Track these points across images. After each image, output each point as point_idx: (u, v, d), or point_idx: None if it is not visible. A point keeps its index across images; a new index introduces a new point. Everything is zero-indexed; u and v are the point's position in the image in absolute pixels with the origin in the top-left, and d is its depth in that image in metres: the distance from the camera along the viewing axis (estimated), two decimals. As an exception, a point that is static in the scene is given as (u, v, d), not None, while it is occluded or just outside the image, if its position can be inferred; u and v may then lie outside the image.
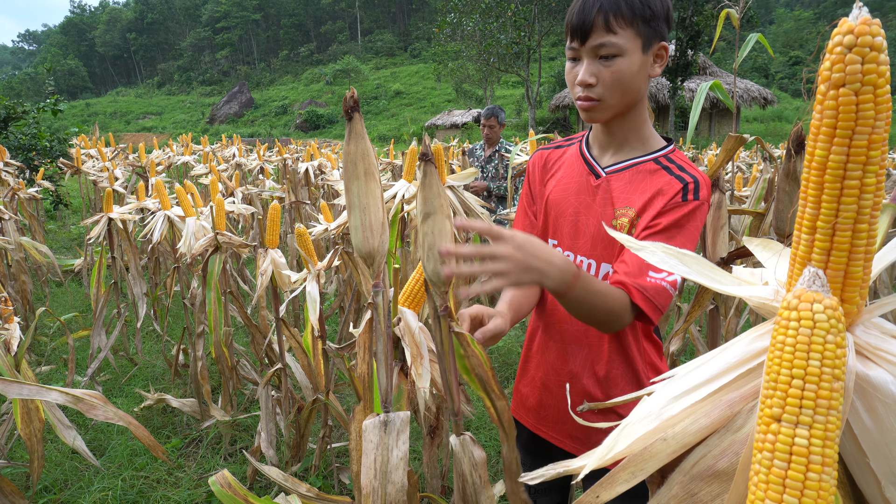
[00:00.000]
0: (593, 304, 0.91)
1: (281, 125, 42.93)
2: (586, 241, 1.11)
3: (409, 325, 1.04)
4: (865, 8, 0.41)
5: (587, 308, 0.91)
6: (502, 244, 0.80)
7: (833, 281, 0.45)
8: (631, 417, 0.51)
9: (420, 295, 1.15)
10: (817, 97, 0.43)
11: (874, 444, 0.43)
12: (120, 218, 2.96)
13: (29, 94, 51.04)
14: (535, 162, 1.25)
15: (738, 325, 2.16)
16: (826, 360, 0.40)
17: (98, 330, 2.98)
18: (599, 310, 0.92)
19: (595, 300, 0.91)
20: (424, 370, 0.97)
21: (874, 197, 0.43)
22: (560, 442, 1.21)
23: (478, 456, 0.88)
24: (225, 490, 1.07)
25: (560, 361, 1.18)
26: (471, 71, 25.82)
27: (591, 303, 0.90)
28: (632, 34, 0.98)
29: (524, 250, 0.81)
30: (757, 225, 1.92)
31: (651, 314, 0.96)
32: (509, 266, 0.80)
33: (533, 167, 1.25)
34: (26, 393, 1.05)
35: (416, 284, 1.14)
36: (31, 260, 4.23)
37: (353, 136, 0.75)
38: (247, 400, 3.00)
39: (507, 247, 0.80)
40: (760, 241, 0.65)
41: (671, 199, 1.01)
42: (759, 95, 21.50)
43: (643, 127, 1.10)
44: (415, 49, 64.12)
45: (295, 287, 1.98)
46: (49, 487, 2.26)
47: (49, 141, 7.02)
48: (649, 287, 0.96)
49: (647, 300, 0.95)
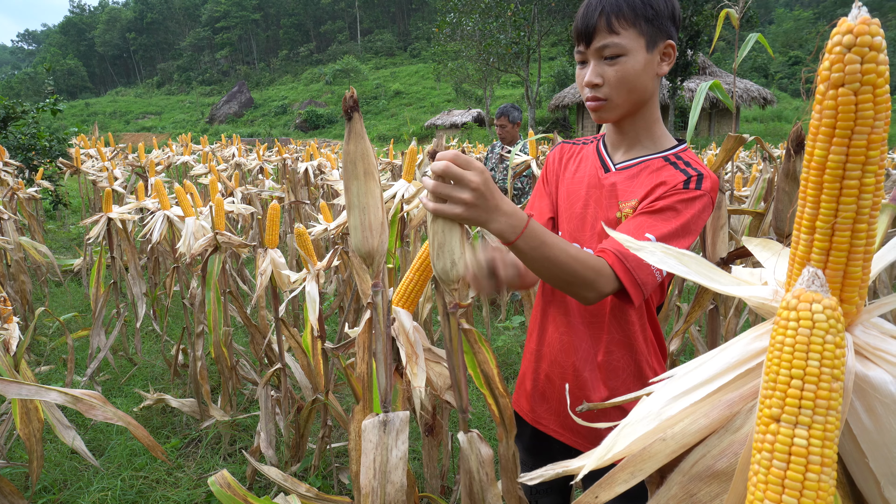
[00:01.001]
0: (550, 258, 0.87)
1: (280, 125, 42.92)
2: (594, 235, 1.12)
3: (404, 325, 1.04)
4: (864, 8, 0.41)
5: (545, 262, 0.87)
6: (474, 173, 0.78)
7: (832, 281, 0.45)
8: (630, 417, 0.51)
9: (415, 294, 1.14)
10: (816, 97, 0.43)
11: (873, 445, 0.43)
12: (119, 218, 2.96)
13: (28, 94, 51.02)
14: (554, 154, 1.29)
15: (737, 325, 2.16)
16: (825, 360, 0.40)
17: (97, 330, 2.98)
18: (560, 267, 0.88)
19: (552, 254, 0.87)
20: (420, 370, 0.97)
21: (873, 197, 0.43)
22: (560, 435, 1.21)
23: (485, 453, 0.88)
24: (224, 490, 1.06)
25: (562, 354, 1.18)
26: (470, 71, 25.82)
27: (547, 256, 0.87)
28: (635, 34, 1.00)
29: (488, 185, 0.80)
30: (756, 225, 1.92)
31: (629, 286, 0.92)
32: (472, 197, 0.78)
33: (552, 158, 1.29)
34: (25, 393, 1.05)
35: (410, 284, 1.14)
36: (30, 260, 4.23)
37: (352, 135, 0.75)
38: (246, 400, 3.00)
39: (478, 177, 0.78)
40: (760, 241, 0.65)
41: (672, 186, 1.01)
42: (758, 95, 21.51)
43: (654, 126, 1.12)
44: (414, 49, 64.10)
45: (294, 287, 1.98)
46: (48, 487, 2.26)
47: (48, 141, 7.01)
48: (630, 257, 0.92)
49: (626, 270, 0.92)
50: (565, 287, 0.93)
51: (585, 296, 0.93)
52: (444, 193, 0.78)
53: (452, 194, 0.77)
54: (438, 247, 0.80)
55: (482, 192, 0.78)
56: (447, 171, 0.78)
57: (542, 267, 0.88)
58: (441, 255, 0.79)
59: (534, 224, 0.86)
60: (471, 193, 0.77)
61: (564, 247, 0.89)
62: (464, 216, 0.78)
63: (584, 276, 0.90)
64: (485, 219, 0.81)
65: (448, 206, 0.78)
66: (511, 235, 0.84)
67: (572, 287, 0.92)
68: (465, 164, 0.78)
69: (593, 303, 0.96)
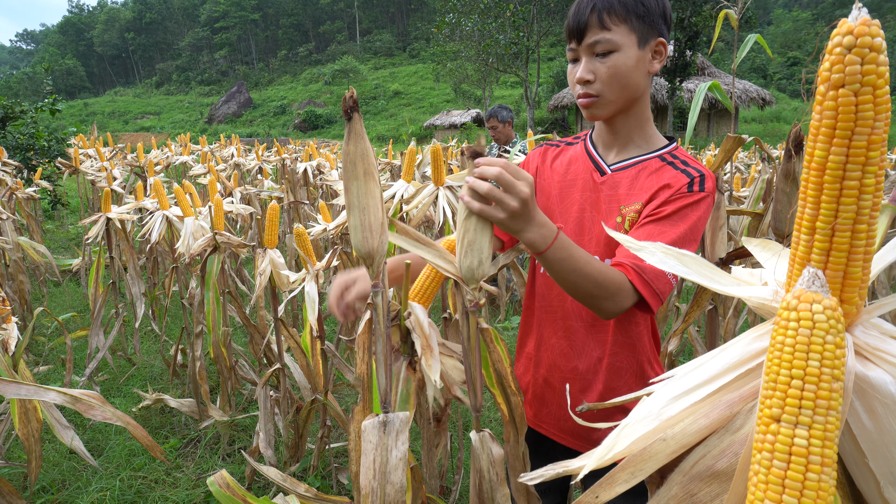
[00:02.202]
0: (577, 271, 0.88)
1: (279, 125, 42.90)
2: (592, 238, 1.11)
3: (419, 319, 1.05)
4: (865, 9, 0.41)
5: (571, 274, 0.88)
6: (525, 185, 0.80)
7: (832, 281, 0.45)
8: (630, 418, 0.51)
9: (431, 291, 1.15)
10: (816, 98, 0.43)
11: (873, 445, 0.44)
12: (118, 218, 2.95)
13: (27, 94, 50.94)
14: (533, 155, 1.27)
15: (736, 325, 2.16)
16: (825, 360, 0.40)
17: (96, 330, 2.97)
18: (585, 279, 0.89)
19: (578, 266, 0.88)
20: (435, 361, 0.97)
21: (873, 197, 0.43)
22: (561, 438, 1.21)
23: (496, 453, 0.88)
24: (223, 490, 1.06)
25: (563, 358, 1.17)
26: (469, 71, 25.82)
27: (574, 269, 0.88)
28: (626, 30, 1.00)
29: (533, 198, 0.82)
30: (755, 225, 1.92)
31: (649, 298, 0.94)
32: (519, 207, 0.80)
33: (531, 158, 1.27)
34: (24, 393, 1.05)
35: (426, 280, 1.14)
36: (28, 260, 4.22)
37: (352, 136, 0.75)
38: (245, 400, 3.00)
39: (528, 190, 0.80)
40: (760, 241, 0.65)
41: (677, 189, 1.01)
42: (757, 96, 21.54)
43: (646, 125, 1.11)
44: (413, 49, 64.10)
45: (293, 287, 1.98)
46: (47, 488, 2.26)
47: (47, 140, 7.00)
48: (647, 269, 0.94)
49: (644, 283, 0.93)
50: (587, 299, 0.94)
51: (606, 309, 0.94)
52: (496, 197, 0.79)
53: (503, 199, 0.79)
54: (468, 245, 0.81)
55: (528, 203, 0.81)
56: (500, 178, 0.79)
57: (568, 279, 0.90)
58: (469, 254, 0.81)
59: (563, 236, 0.87)
60: (519, 203, 0.80)
61: (589, 259, 0.90)
62: (505, 222, 0.81)
63: (607, 289, 0.91)
64: (521, 227, 0.83)
65: (493, 209, 0.80)
66: (542, 246, 0.86)
67: (595, 300, 0.93)
68: (515, 173, 0.80)
69: (612, 317, 0.98)
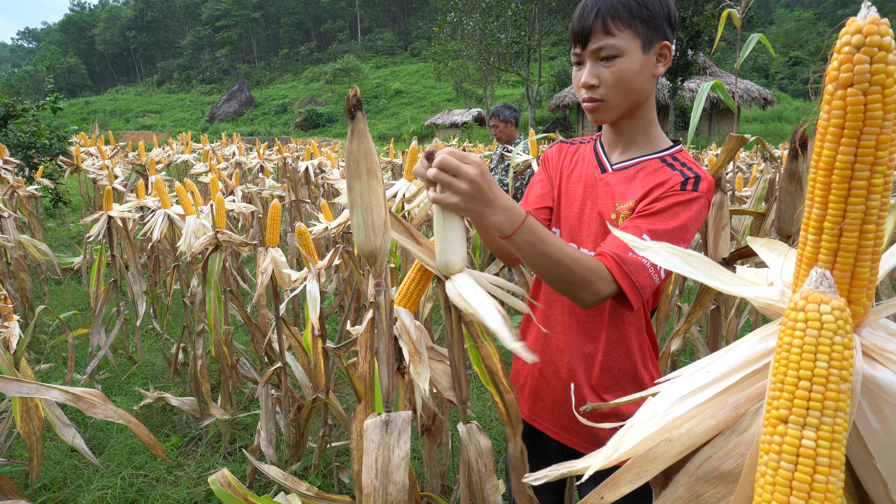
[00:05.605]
0: (547, 255, 0.88)
1: (281, 124, 42.92)
2: (590, 234, 1.12)
3: (405, 324, 1.04)
4: (874, 7, 0.40)
5: (540, 258, 0.88)
6: (471, 167, 0.81)
7: (840, 282, 0.45)
8: (636, 418, 0.50)
9: (416, 294, 1.14)
10: (825, 97, 0.43)
11: (881, 446, 0.43)
12: (119, 216, 2.95)
13: (28, 92, 51.00)
14: (552, 151, 1.29)
15: (738, 325, 2.16)
16: (833, 361, 0.39)
17: (97, 328, 2.97)
18: (556, 265, 0.88)
19: (548, 251, 0.87)
20: (423, 369, 0.97)
21: (882, 198, 0.43)
22: (555, 434, 1.21)
23: (483, 444, 0.88)
24: (224, 489, 1.06)
25: (558, 353, 1.18)
26: (471, 70, 25.81)
27: (544, 253, 0.87)
28: (630, 35, 1.00)
29: (485, 178, 0.82)
30: (758, 225, 1.92)
31: (628, 290, 0.92)
32: (469, 188, 0.81)
33: (551, 154, 1.29)
34: (26, 391, 1.05)
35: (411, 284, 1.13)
36: (30, 258, 4.22)
37: (355, 134, 0.75)
38: (246, 399, 3.00)
39: (475, 170, 0.81)
40: (765, 241, 0.65)
41: (670, 187, 1.01)
42: (759, 95, 21.53)
43: (650, 127, 1.12)
44: (415, 48, 64.07)
45: (295, 286, 1.98)
46: (48, 486, 2.26)
47: (48, 139, 7.01)
48: (629, 260, 0.93)
49: (623, 273, 0.92)
50: (563, 287, 0.93)
51: (583, 298, 0.93)
52: (443, 181, 0.81)
53: (451, 183, 0.81)
54: (441, 238, 0.84)
55: (479, 184, 0.81)
56: (444, 163, 0.81)
57: (539, 264, 0.90)
58: (443, 246, 0.84)
59: (531, 220, 0.87)
60: (468, 184, 0.81)
61: (561, 245, 0.89)
62: (461, 206, 0.82)
63: (582, 276, 0.90)
64: (482, 211, 0.84)
65: (447, 195, 0.82)
66: (508, 229, 0.86)
67: (569, 287, 0.92)
68: (461, 157, 0.82)
69: (591, 306, 0.96)
